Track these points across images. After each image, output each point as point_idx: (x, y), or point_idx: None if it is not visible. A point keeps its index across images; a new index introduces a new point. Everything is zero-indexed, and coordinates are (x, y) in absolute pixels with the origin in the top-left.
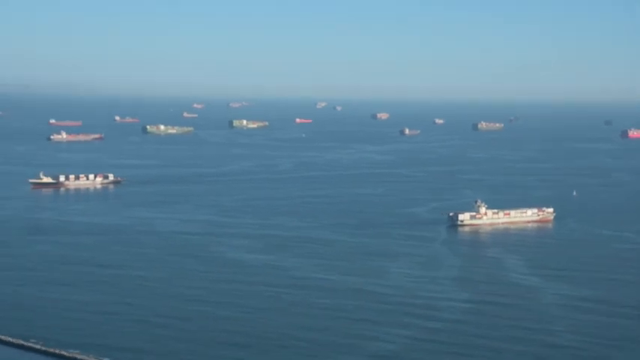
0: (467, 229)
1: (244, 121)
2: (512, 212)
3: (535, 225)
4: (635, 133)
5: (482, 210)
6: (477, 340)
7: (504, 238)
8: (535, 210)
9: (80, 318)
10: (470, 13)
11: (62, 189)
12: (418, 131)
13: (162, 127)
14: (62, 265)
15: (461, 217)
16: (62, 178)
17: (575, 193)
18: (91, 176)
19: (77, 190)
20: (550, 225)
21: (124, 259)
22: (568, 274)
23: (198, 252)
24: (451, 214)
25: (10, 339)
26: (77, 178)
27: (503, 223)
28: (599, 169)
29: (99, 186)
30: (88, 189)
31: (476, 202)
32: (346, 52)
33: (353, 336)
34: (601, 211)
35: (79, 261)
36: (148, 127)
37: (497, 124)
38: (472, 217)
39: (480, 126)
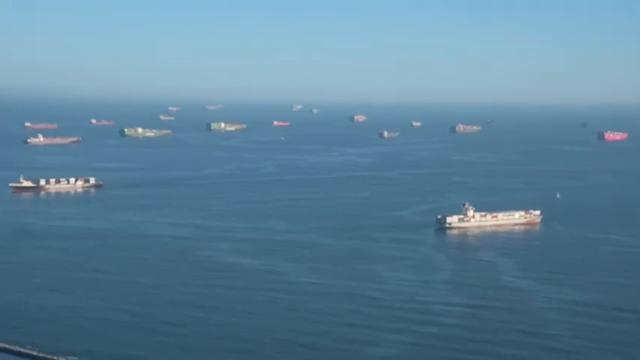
0: (455, 231)
1: (222, 124)
2: (500, 215)
3: (522, 227)
4: (612, 135)
5: (470, 213)
6: (475, 345)
7: (493, 240)
8: (522, 212)
9: (75, 324)
10: (441, 14)
11: (43, 193)
12: (397, 134)
13: (139, 130)
14: (54, 270)
15: (449, 219)
16: (43, 182)
17: (558, 195)
18: (72, 180)
19: (58, 194)
20: (537, 227)
21: (116, 264)
22: (560, 277)
23: (190, 256)
24: (439, 216)
25: (6, 345)
26: (58, 181)
27: (490, 226)
28: (578, 171)
29: (80, 190)
30: (69, 193)
31: (463, 204)
32: (321, 55)
33: (350, 341)
34: (586, 214)
35: (71, 266)
36: (125, 130)
37: (475, 127)
38: (460, 220)
39: (457, 128)
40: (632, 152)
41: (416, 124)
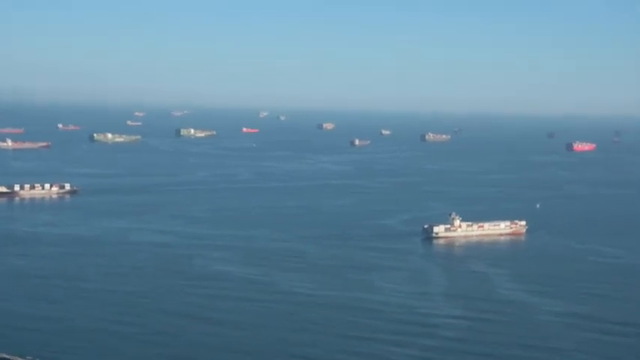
0: (442, 241)
1: (192, 130)
2: (486, 225)
3: (508, 238)
4: (580, 146)
5: (457, 222)
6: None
7: (481, 251)
8: (508, 223)
9: (71, 336)
10: (408, 22)
11: (17, 199)
12: (368, 142)
13: (109, 135)
14: (40, 279)
15: (436, 229)
16: (17, 188)
17: (538, 205)
18: (47, 185)
19: (33, 200)
20: (522, 238)
21: (102, 272)
22: (554, 289)
23: (179, 266)
24: (426, 226)
25: (6, 356)
26: (33, 187)
27: (477, 236)
28: (552, 181)
29: (55, 196)
30: (44, 199)
31: (450, 214)
32: (285, 61)
33: (348, 353)
34: (569, 224)
35: (56, 275)
36: (95, 135)
37: (444, 136)
38: (447, 230)
39: (427, 137)
40: (600, 162)
41: (385, 132)
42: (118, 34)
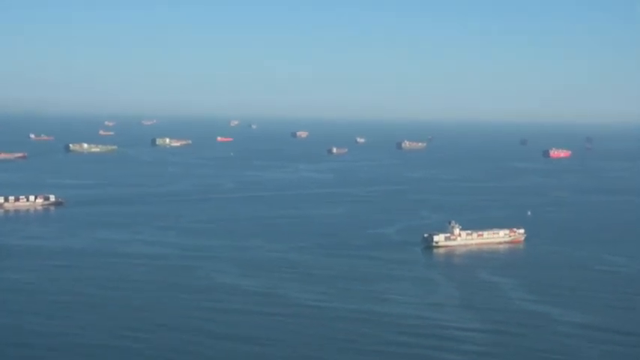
0: (442, 250)
1: (167, 140)
2: (485, 233)
3: (507, 246)
4: (556, 152)
5: (457, 231)
6: None
7: (485, 260)
8: (507, 231)
9: (73, 351)
10: (376, 28)
11: (1, 211)
12: (345, 150)
13: (85, 145)
14: (37, 294)
15: (436, 238)
16: (1, 200)
17: (529, 213)
18: (32, 197)
19: (18, 212)
20: (522, 246)
21: (103, 286)
22: (567, 300)
23: (180, 278)
24: (426, 235)
25: None
26: (17, 199)
27: (476, 244)
28: (536, 188)
29: (40, 207)
30: (28, 210)
31: (449, 223)
32: (252, 69)
33: None
34: (565, 232)
35: (55, 289)
36: (70, 145)
37: (420, 143)
38: (447, 239)
39: (403, 145)
40: (578, 169)
41: (360, 140)
42: (80, 44)
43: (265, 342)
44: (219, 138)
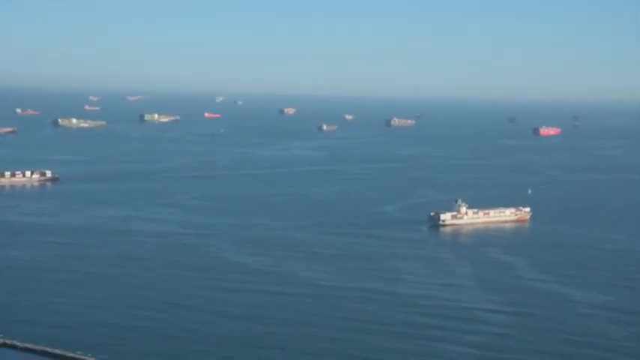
0: (449, 229)
1: (156, 115)
2: (492, 212)
3: (513, 224)
4: (546, 130)
5: (463, 210)
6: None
7: (494, 238)
8: (513, 210)
9: (90, 329)
10: (363, 5)
11: None
12: (335, 127)
13: (74, 120)
14: (45, 272)
15: (443, 216)
16: None
17: (530, 191)
18: (28, 173)
19: (14, 188)
20: (527, 224)
21: (110, 264)
22: (582, 280)
23: (188, 257)
24: (432, 213)
25: (28, 345)
26: (13, 175)
27: (482, 223)
28: (530, 166)
29: (36, 183)
30: (25, 186)
31: (456, 201)
32: (237, 44)
33: (397, 351)
34: (568, 210)
35: (62, 265)
36: (59, 120)
37: (409, 121)
38: (453, 217)
39: (392, 122)
40: (569, 147)
41: (348, 117)
42: (65, 17)
43: (274, 321)
44: (206, 114)
